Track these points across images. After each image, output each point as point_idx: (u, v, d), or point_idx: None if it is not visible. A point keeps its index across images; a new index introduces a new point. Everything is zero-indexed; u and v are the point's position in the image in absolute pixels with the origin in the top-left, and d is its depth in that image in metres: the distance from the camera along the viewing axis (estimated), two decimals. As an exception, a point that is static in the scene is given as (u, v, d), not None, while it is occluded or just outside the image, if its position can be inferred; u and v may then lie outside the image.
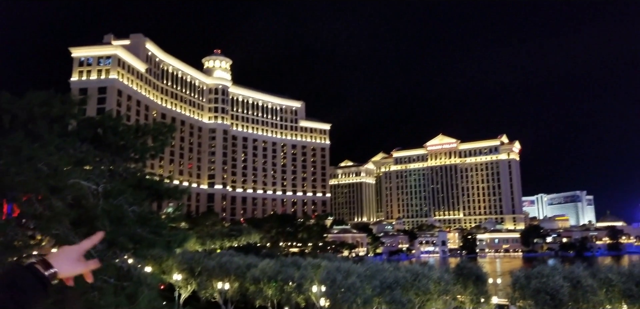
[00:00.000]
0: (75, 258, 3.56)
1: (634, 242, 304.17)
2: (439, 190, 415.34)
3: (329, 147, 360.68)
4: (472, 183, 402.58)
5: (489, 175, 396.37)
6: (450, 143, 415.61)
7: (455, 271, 56.34)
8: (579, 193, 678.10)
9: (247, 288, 67.54)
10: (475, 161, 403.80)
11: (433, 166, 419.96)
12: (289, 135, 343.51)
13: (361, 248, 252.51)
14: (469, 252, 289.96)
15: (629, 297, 39.12)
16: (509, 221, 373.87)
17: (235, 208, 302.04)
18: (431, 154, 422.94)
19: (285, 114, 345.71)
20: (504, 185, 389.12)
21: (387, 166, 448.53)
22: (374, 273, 56.14)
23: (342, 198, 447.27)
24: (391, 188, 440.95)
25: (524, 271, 45.92)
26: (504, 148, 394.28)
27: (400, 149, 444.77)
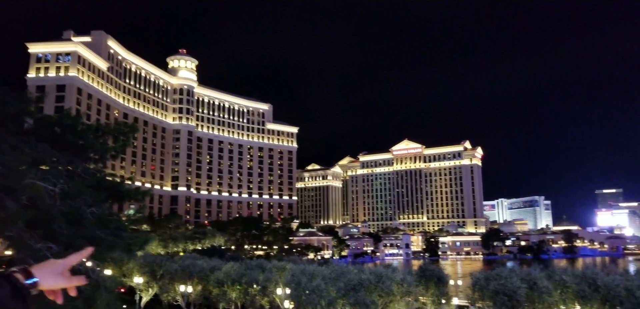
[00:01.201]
0: (59, 271, 3.44)
1: (587, 245, 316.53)
2: (403, 193, 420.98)
3: (296, 150, 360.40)
4: (436, 187, 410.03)
5: (452, 179, 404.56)
6: (416, 148, 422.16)
7: (418, 273, 57.14)
8: (537, 198, 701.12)
9: (211, 291, 66.73)
10: (439, 166, 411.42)
11: (398, 171, 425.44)
12: (256, 138, 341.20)
13: (327, 250, 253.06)
14: (431, 254, 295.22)
15: (582, 298, 40.66)
16: (471, 224, 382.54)
17: (200, 210, 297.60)
18: (397, 158, 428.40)
19: (253, 116, 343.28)
20: (466, 189, 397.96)
21: (354, 170, 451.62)
22: (338, 275, 56.33)
23: (308, 201, 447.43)
24: (357, 191, 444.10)
25: (484, 273, 47.01)
26: (467, 154, 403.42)
27: (367, 153, 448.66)
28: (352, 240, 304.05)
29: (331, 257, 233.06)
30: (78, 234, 34.01)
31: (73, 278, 3.51)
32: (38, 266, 3.40)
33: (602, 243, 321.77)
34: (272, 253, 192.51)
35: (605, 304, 39.09)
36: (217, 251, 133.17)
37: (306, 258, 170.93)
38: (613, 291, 38.79)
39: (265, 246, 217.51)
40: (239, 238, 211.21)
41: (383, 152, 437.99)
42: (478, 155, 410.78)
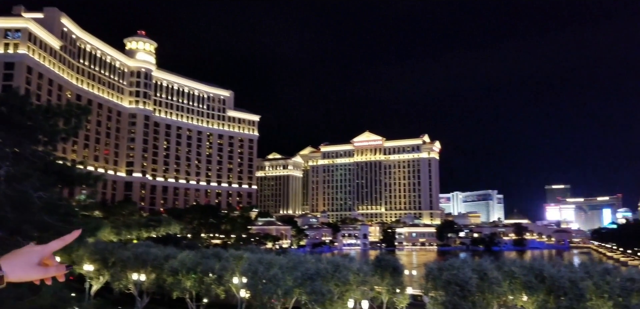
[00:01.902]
0: (35, 261, 3.05)
1: (536, 238, 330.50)
2: (363, 185, 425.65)
3: (257, 139, 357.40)
4: (395, 179, 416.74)
5: (410, 172, 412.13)
6: (376, 140, 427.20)
7: (374, 263, 57.79)
8: (490, 192, 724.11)
9: (165, 280, 65.34)
10: (398, 159, 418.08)
11: (359, 162, 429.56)
12: (216, 125, 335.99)
13: (285, 240, 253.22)
14: (388, 245, 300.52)
15: (529, 288, 42.27)
16: (427, 216, 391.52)
17: (155, 197, 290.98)
18: (358, 150, 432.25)
19: (213, 103, 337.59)
20: (423, 182, 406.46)
21: (315, 161, 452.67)
22: (296, 264, 56.29)
23: (268, 190, 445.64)
24: (318, 182, 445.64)
25: (437, 264, 48.06)
26: (426, 147, 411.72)
27: (329, 144, 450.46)
28: (311, 229, 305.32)
29: (289, 247, 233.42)
30: (24, 219, 32.55)
31: (51, 268, 3.11)
32: (8, 256, 3.05)
33: (549, 236, 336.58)
34: (230, 242, 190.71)
35: (550, 294, 40.79)
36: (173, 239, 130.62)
37: (264, 248, 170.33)
38: (558, 282, 40.52)
39: (222, 235, 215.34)
40: (195, 226, 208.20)
41: (344, 143, 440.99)
42: (436, 148, 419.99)
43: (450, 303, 43.64)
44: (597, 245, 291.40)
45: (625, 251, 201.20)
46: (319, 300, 50.74)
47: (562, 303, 40.06)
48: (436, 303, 45.03)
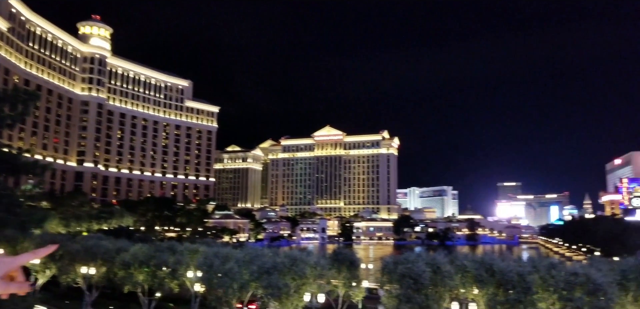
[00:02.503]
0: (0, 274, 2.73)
1: (488, 233, 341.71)
2: (323, 179, 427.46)
3: (216, 130, 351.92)
4: (354, 174, 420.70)
5: (369, 167, 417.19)
6: (337, 135, 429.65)
7: (331, 256, 58.00)
8: (445, 188, 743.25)
9: (116, 273, 63.44)
10: (358, 154, 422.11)
11: (319, 156, 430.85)
12: (173, 115, 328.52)
13: (243, 233, 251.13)
14: (346, 239, 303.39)
15: (480, 282, 43.49)
16: (384, 211, 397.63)
17: (108, 188, 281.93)
18: (318, 144, 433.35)
19: (171, 92, 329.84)
20: (382, 177, 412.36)
21: (275, 154, 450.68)
22: (253, 258, 55.86)
23: (227, 183, 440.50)
24: (278, 175, 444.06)
25: (393, 258, 48.63)
26: (385, 143, 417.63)
27: (289, 137, 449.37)
28: (270, 223, 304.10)
29: (247, 240, 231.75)
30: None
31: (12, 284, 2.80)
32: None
33: (500, 232, 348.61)
34: (185, 235, 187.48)
35: (500, 288, 42.10)
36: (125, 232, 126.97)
37: (221, 241, 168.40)
38: (507, 276, 41.86)
39: (178, 228, 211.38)
40: (149, 218, 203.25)
41: (305, 137, 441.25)
42: (395, 145, 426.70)
43: (404, 296, 44.34)
44: (544, 240, 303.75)
45: (570, 246, 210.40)
46: (275, 294, 50.51)
47: (510, 296, 41.41)
48: (391, 296, 45.63)
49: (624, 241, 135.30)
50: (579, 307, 38.37)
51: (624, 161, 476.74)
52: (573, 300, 38.54)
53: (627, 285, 39.72)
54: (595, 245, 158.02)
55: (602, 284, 38.27)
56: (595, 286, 38.20)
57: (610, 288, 38.48)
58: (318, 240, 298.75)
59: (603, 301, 38.02)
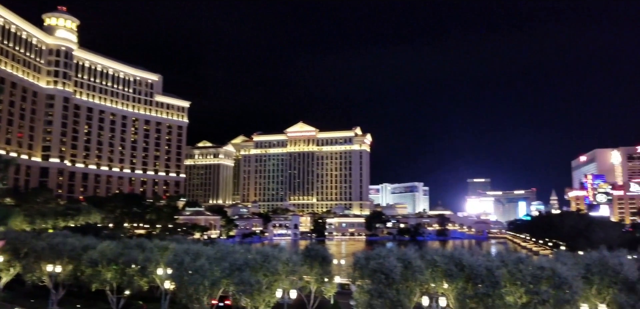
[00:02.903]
0: None
1: (458, 229, 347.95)
2: (296, 175, 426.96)
3: (186, 126, 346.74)
4: (327, 171, 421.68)
5: (342, 163, 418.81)
6: (310, 132, 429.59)
7: (304, 253, 58.07)
8: (417, 184, 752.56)
9: (83, 271, 61.94)
10: (331, 150, 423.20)
11: (292, 152, 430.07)
12: (142, 110, 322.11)
13: (214, 230, 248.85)
14: (319, 235, 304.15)
15: (450, 276, 44.25)
16: (357, 207, 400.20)
17: (74, 185, 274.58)
18: (291, 140, 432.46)
19: (140, 87, 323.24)
20: (354, 173, 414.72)
21: (247, 150, 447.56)
22: (224, 255, 55.36)
23: (197, 179, 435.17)
24: (250, 171, 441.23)
25: (365, 253, 49.00)
26: (358, 140, 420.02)
27: (262, 133, 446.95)
28: (242, 220, 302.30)
29: (218, 237, 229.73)
30: None
31: None
32: None
33: (470, 227, 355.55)
34: (155, 232, 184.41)
35: (469, 282, 42.92)
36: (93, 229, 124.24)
37: (192, 238, 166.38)
38: (476, 271, 42.70)
39: (147, 225, 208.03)
40: (118, 215, 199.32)
41: (278, 133, 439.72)
42: (367, 141, 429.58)
43: (376, 290, 44.73)
44: (512, 236, 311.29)
45: (537, 241, 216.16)
46: (247, 291, 50.20)
47: (479, 290, 42.24)
48: (362, 291, 45.95)
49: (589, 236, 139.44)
50: (545, 300, 39.44)
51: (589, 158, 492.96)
52: (539, 294, 39.57)
53: (591, 279, 41.03)
54: (561, 240, 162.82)
55: (567, 278, 39.42)
56: (561, 280, 39.33)
57: (575, 282, 39.67)
58: (290, 236, 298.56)
59: (568, 294, 39.18)
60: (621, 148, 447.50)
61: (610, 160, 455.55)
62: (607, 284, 40.14)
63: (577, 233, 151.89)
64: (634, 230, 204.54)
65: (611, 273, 39.88)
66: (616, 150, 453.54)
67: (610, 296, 39.90)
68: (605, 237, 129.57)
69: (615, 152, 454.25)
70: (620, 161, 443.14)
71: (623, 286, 39.15)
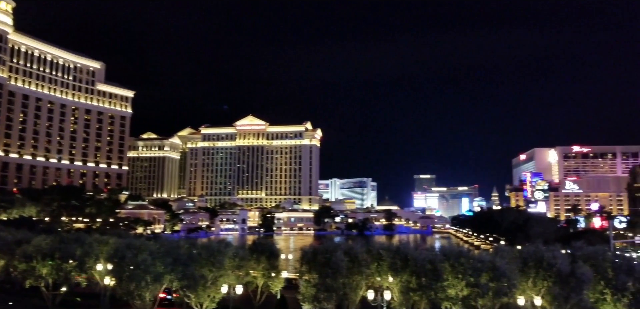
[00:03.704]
0: None
1: (404, 223, 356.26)
2: (244, 169, 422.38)
3: (130, 116, 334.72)
4: (276, 165, 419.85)
5: (292, 158, 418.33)
6: (260, 125, 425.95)
7: (251, 247, 57.67)
8: (365, 179, 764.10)
9: (16, 267, 58.61)
10: (281, 145, 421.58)
11: (241, 146, 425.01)
12: (83, 98, 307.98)
13: (158, 225, 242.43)
14: (267, 230, 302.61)
15: (395, 270, 45.09)
16: (306, 201, 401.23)
17: (8, 176, 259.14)
18: (240, 134, 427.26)
19: (81, 74, 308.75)
20: (304, 168, 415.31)
21: (194, 142, 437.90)
22: (168, 249, 54.00)
23: (141, 172, 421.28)
24: (196, 164, 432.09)
25: (312, 248, 49.10)
26: (308, 134, 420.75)
27: (210, 126, 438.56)
28: (187, 214, 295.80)
29: (163, 231, 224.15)
30: None
31: None
32: None
33: (416, 222, 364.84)
34: (95, 226, 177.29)
35: (413, 275, 43.89)
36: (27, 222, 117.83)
37: (134, 233, 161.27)
38: (419, 264, 43.72)
39: (87, 218, 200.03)
40: (55, 209, 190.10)
41: (226, 126, 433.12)
42: (317, 136, 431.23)
43: (323, 285, 44.94)
44: (455, 230, 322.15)
45: (478, 236, 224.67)
46: (191, 286, 49.13)
47: (422, 283, 43.30)
48: (309, 285, 46.00)
49: (527, 231, 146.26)
50: (484, 292, 40.94)
51: (528, 157, 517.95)
52: (479, 286, 41.01)
53: (528, 272, 42.90)
54: (501, 235, 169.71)
55: (506, 271, 41.07)
56: (500, 273, 40.92)
57: (513, 275, 41.40)
58: (238, 231, 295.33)
59: (506, 286, 40.85)
60: (558, 147, 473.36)
61: (548, 158, 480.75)
62: (542, 277, 41.98)
63: (516, 228, 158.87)
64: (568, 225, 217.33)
65: (546, 266, 41.72)
66: (553, 150, 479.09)
67: (545, 288, 41.82)
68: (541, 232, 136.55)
69: (552, 151, 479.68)
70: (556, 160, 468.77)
71: (557, 279, 41.07)
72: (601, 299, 42.08)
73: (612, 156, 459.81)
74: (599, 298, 42.22)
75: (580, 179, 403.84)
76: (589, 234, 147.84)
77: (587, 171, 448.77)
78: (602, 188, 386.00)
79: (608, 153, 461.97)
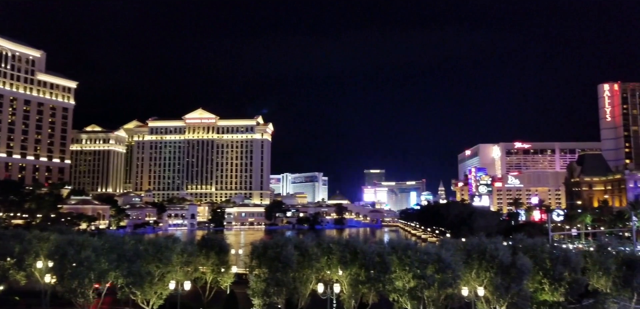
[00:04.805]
0: None
1: (354, 217, 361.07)
2: (194, 163, 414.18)
3: (73, 108, 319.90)
4: (227, 159, 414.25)
5: (243, 152, 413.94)
6: (210, 119, 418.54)
7: (200, 243, 56.97)
8: (317, 174, 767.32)
9: (-57, 267, 54.98)
10: (232, 139, 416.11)
11: (190, 140, 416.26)
12: (21, 89, 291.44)
13: (103, 220, 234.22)
14: (217, 225, 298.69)
15: (344, 263, 45.78)
16: (257, 196, 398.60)
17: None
18: (189, 127, 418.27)
19: (19, 63, 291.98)
20: (255, 163, 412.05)
21: (141, 136, 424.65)
22: (113, 246, 52.43)
23: (85, 166, 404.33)
24: (143, 158, 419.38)
25: (263, 242, 49.08)
26: (259, 129, 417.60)
27: (157, 119, 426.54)
28: (134, 209, 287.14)
29: (108, 227, 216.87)
30: None
31: None
32: None
33: (365, 216, 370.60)
34: (35, 222, 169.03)
35: (362, 268, 44.75)
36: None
37: (78, 229, 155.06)
38: (368, 257, 44.63)
39: (26, 214, 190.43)
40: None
41: (175, 119, 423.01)
42: (269, 130, 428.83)
43: (273, 279, 45.01)
44: (404, 224, 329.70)
45: (426, 229, 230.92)
46: (137, 282, 47.92)
47: (371, 276, 44.26)
48: (259, 280, 45.96)
49: (471, 224, 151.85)
50: (430, 284, 42.34)
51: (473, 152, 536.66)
52: (425, 278, 42.35)
53: (471, 263, 44.65)
54: (446, 228, 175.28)
55: (451, 263, 42.59)
56: (445, 265, 42.39)
57: (457, 266, 42.98)
58: (187, 227, 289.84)
59: (451, 278, 42.37)
60: (501, 143, 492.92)
61: (492, 154, 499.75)
62: (485, 268, 43.72)
63: (461, 222, 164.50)
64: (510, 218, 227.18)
65: (489, 258, 43.46)
66: (497, 146, 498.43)
67: (488, 279, 43.60)
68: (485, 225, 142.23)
69: (496, 147, 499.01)
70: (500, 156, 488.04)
71: (499, 270, 42.91)
72: (540, 288, 44.37)
73: (551, 152, 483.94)
74: (537, 288, 44.50)
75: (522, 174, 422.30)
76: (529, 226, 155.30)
77: (528, 166, 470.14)
78: (542, 182, 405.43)
79: (547, 150, 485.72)
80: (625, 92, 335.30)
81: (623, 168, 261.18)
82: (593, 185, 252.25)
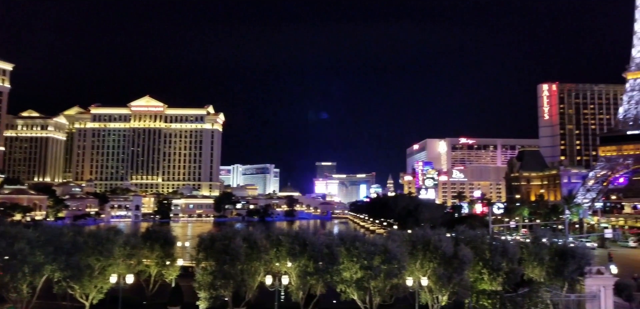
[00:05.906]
0: None
1: (305, 209, 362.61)
2: (139, 153, 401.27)
3: (8, 92, 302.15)
4: (175, 149, 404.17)
5: (192, 142, 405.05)
6: (157, 107, 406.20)
7: (144, 235, 55.21)
8: (268, 166, 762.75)
9: None
10: (180, 128, 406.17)
11: (136, 128, 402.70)
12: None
13: (39, 211, 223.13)
14: (163, 217, 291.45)
15: (293, 255, 45.68)
16: (206, 188, 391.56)
17: None
18: (135, 115, 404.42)
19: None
20: (205, 153, 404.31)
21: (83, 123, 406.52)
22: (50, 238, 49.60)
23: (20, 154, 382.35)
24: (85, 147, 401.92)
25: (210, 234, 48.15)
26: (210, 119, 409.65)
27: (101, 106, 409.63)
28: (74, 200, 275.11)
29: (45, 219, 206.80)
30: None
31: None
32: None
33: (316, 208, 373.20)
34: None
35: (310, 259, 44.84)
36: None
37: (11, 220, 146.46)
38: (317, 249, 44.77)
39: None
40: None
41: (120, 107, 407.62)
42: (220, 120, 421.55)
43: (220, 272, 44.30)
44: (353, 216, 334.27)
45: (374, 221, 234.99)
46: (75, 276, 45.80)
47: (319, 267, 44.46)
48: (206, 273, 45.13)
49: (417, 216, 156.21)
50: (376, 274, 43.08)
51: (420, 147, 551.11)
52: (372, 268, 43.02)
53: (416, 254, 45.71)
54: (394, 220, 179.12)
55: (397, 254, 43.44)
56: (391, 256, 43.20)
57: (403, 257, 43.91)
58: (131, 218, 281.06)
59: (396, 268, 43.26)
60: (447, 139, 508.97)
61: (438, 149, 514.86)
62: (429, 258, 44.91)
63: (407, 214, 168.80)
64: (454, 211, 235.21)
65: (432, 249, 44.67)
66: (443, 141, 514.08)
67: (431, 269, 44.81)
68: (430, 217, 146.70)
69: (442, 142, 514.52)
70: (446, 151, 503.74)
71: (442, 261, 44.20)
72: (479, 278, 46.05)
73: (494, 148, 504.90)
74: (477, 277, 46.16)
75: (466, 168, 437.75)
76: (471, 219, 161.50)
77: (472, 161, 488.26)
78: (484, 177, 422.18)
79: (490, 145, 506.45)
80: (563, 92, 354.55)
81: (558, 164, 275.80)
82: (531, 180, 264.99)
